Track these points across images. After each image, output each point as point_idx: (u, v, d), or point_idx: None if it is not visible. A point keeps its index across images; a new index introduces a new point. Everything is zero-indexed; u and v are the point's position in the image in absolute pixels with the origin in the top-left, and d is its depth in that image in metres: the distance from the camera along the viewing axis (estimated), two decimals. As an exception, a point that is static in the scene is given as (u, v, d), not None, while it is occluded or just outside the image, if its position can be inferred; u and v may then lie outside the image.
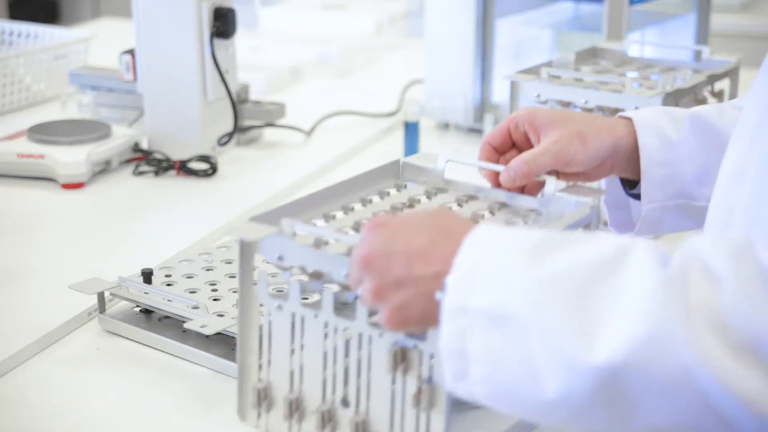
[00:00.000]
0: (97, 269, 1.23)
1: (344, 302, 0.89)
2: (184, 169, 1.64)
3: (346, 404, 0.87)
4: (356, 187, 1.03)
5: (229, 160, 1.72)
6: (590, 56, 1.56)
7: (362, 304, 0.83)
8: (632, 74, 1.48)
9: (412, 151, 1.75)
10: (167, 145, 1.68)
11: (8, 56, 1.97)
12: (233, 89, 1.70)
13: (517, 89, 1.40)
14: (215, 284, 1.17)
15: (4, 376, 1.07)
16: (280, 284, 1.07)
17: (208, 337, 1.08)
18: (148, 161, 1.66)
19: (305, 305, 0.88)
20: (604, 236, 0.75)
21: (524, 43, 1.95)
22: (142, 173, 1.65)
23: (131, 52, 1.72)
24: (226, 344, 1.08)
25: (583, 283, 0.71)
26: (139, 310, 1.16)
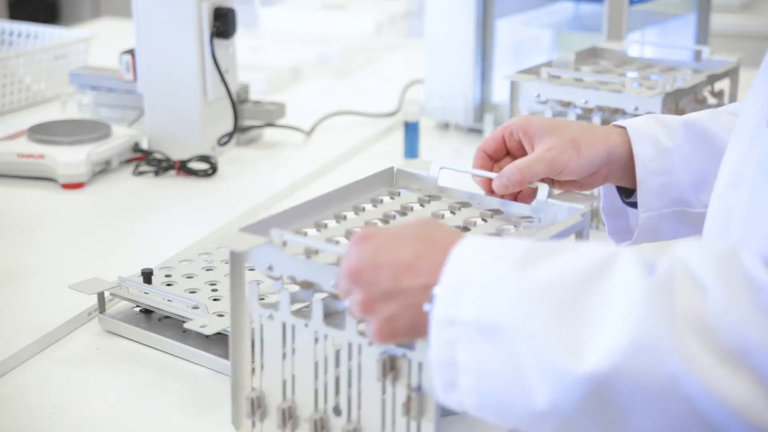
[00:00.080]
0: (97, 269, 1.23)
1: (335, 311, 0.89)
2: (184, 169, 1.64)
3: (338, 413, 0.88)
4: (349, 195, 1.03)
5: (229, 160, 1.72)
6: (590, 56, 1.56)
7: (350, 315, 0.83)
8: (632, 74, 1.48)
9: (412, 151, 1.75)
10: (167, 145, 1.68)
11: (8, 56, 1.97)
12: (233, 89, 1.70)
13: (517, 89, 1.41)
14: (215, 284, 1.17)
15: (4, 376, 1.07)
16: (272, 291, 1.07)
17: (208, 337, 1.09)
18: (148, 161, 1.66)
19: (296, 314, 0.88)
20: (589, 245, 0.76)
21: (524, 43, 1.95)
22: (142, 173, 1.65)
23: (131, 52, 1.72)
24: (226, 344, 1.07)
25: (569, 292, 0.71)
26: (139, 310, 1.16)
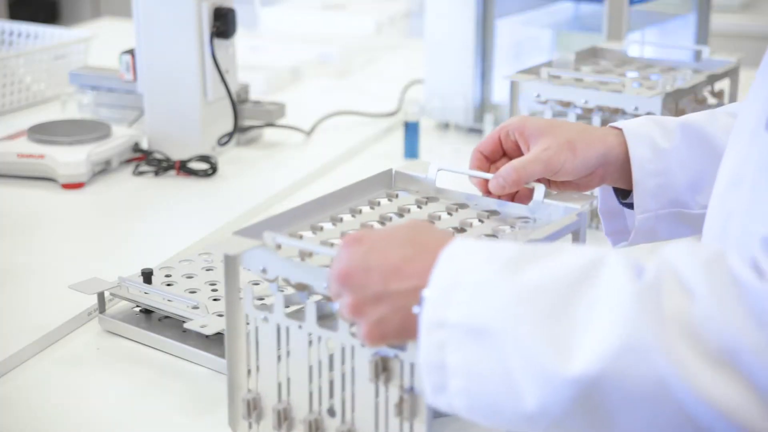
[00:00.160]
0: (97, 269, 1.23)
1: (329, 313, 0.89)
2: (184, 169, 1.64)
3: (332, 414, 0.88)
4: (347, 197, 1.03)
5: (229, 160, 1.72)
6: (590, 56, 1.56)
7: (341, 318, 0.84)
8: (632, 74, 1.48)
9: (412, 151, 1.75)
10: (167, 145, 1.68)
11: (8, 56, 1.97)
12: (233, 89, 1.70)
13: (517, 89, 1.41)
14: (215, 284, 1.17)
15: (4, 376, 1.07)
16: (267, 292, 1.07)
17: (208, 337, 1.09)
18: (148, 161, 1.66)
19: (290, 316, 0.88)
20: (578, 248, 0.76)
21: (524, 43, 1.95)
22: (142, 173, 1.65)
23: (131, 52, 1.72)
24: (226, 344, 1.08)
25: (558, 295, 0.72)
26: (139, 310, 1.16)
